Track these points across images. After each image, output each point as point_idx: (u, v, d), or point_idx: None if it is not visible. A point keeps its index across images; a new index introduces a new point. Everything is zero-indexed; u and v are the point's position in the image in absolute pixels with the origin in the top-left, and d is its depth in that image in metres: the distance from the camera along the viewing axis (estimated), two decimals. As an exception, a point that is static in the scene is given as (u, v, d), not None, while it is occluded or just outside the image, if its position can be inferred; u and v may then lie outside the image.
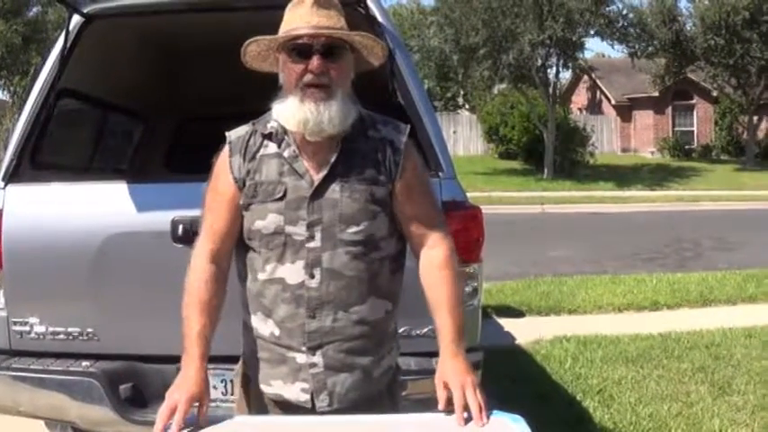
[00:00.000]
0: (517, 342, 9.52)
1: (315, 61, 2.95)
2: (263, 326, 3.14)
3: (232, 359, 3.65)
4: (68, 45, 5.06)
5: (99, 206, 4.87)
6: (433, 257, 3.15)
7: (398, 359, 3.42)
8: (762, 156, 45.18)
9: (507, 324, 10.42)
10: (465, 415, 2.82)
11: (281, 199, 3.04)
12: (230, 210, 3.12)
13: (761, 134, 47.07)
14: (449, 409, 2.87)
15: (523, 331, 9.93)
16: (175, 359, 3.07)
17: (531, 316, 11.13)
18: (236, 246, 3.19)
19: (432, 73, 40.44)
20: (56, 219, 4.83)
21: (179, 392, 2.88)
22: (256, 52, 3.13)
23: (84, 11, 5.07)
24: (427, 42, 37.71)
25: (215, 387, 4.56)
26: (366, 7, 4.84)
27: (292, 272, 3.04)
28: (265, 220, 3.05)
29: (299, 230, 3.02)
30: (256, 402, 3.27)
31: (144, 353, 4.74)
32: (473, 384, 2.89)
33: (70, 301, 4.82)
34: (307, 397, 3.10)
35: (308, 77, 2.97)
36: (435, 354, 3.09)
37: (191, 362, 2.97)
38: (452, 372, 2.94)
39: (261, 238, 3.07)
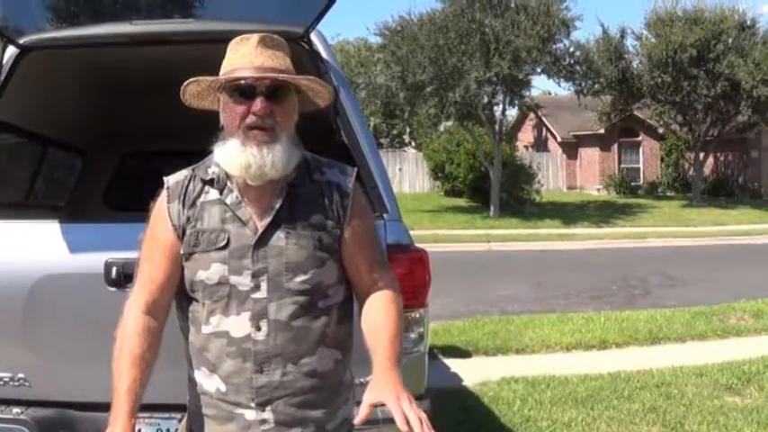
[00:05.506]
0: (464, 383, 9.38)
1: (258, 103, 2.83)
2: (208, 381, 2.98)
3: (168, 407, 3.50)
4: (3, 77, 4.90)
5: (30, 246, 4.67)
6: (376, 297, 3.02)
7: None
8: (708, 192, 45.75)
9: (454, 365, 10.25)
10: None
11: (224, 248, 2.91)
12: (169, 259, 2.98)
13: (707, 170, 47.68)
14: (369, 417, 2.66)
15: (470, 372, 9.79)
16: (109, 407, 2.89)
17: (477, 356, 10.97)
18: (178, 296, 3.04)
19: (378, 110, 40.46)
20: None
21: None
22: (196, 92, 3.01)
23: (20, 42, 4.92)
24: (374, 80, 37.71)
25: (150, 437, 4.45)
26: (310, 43, 4.72)
27: (238, 324, 2.90)
28: (208, 270, 2.91)
29: (244, 280, 2.89)
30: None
31: (77, 400, 4.53)
32: (409, 397, 2.67)
33: (0, 344, 4.61)
34: (257, 455, 2.95)
35: (251, 119, 2.85)
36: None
37: (119, 416, 2.80)
38: (387, 382, 2.74)
39: (204, 288, 2.93)
